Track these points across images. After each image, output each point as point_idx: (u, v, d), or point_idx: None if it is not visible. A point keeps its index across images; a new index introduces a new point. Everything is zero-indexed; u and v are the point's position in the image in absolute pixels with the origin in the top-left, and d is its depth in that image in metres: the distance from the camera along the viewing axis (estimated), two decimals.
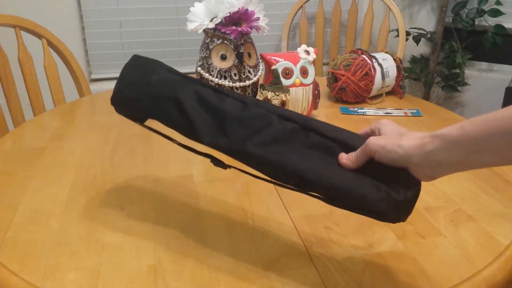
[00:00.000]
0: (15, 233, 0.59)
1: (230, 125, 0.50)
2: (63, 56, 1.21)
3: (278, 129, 0.49)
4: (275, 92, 0.87)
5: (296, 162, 0.47)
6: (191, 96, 0.52)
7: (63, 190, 0.70)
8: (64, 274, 0.52)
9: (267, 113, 0.50)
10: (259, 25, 0.87)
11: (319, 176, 0.46)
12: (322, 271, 0.53)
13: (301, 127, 0.49)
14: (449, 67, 1.91)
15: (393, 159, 0.43)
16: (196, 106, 0.52)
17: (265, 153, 0.48)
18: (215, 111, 0.51)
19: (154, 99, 0.54)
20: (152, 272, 0.53)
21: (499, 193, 0.69)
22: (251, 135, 0.49)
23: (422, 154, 0.42)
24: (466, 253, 0.56)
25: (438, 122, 0.96)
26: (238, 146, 0.49)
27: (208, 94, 0.52)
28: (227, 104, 0.51)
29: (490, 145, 0.38)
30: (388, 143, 0.44)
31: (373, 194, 0.44)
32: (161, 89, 0.54)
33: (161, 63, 0.58)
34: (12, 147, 0.84)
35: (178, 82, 0.54)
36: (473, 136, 0.38)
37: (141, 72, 0.56)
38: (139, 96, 0.55)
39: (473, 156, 0.39)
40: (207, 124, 0.51)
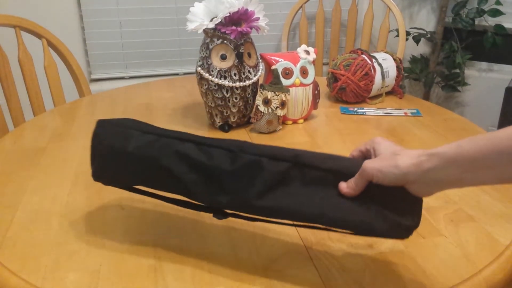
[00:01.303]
0: (15, 233, 0.59)
1: (224, 181, 0.49)
2: (63, 56, 1.21)
3: (272, 172, 0.48)
4: (275, 92, 0.87)
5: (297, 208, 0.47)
6: (175, 159, 0.50)
7: (63, 190, 0.70)
8: (64, 274, 0.52)
9: (256, 158, 0.48)
10: (259, 25, 0.87)
11: (325, 217, 0.46)
12: (322, 271, 0.53)
13: (293, 165, 0.48)
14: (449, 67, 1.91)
15: (390, 180, 0.44)
16: (185, 170, 0.50)
17: (266, 203, 0.47)
18: (205, 170, 0.49)
19: (139, 172, 0.52)
20: (152, 272, 0.53)
21: (499, 193, 0.69)
22: (248, 186, 0.48)
23: (419, 172, 0.42)
24: (466, 253, 0.56)
25: (438, 122, 0.96)
26: (238, 201, 0.48)
27: (191, 151, 0.50)
28: (215, 160, 0.49)
29: (488, 164, 0.38)
30: (384, 165, 0.44)
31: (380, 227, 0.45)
32: (142, 160, 0.51)
33: (127, 122, 0.55)
34: (12, 147, 0.84)
35: (156, 146, 0.51)
36: (471, 155, 0.39)
37: (114, 143, 0.53)
38: (122, 171, 0.53)
39: (470, 174, 0.40)
40: (202, 186, 0.50)
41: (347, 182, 0.47)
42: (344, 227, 0.46)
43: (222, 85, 0.85)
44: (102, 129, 0.55)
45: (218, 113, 0.89)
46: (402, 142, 0.86)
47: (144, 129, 0.53)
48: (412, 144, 0.86)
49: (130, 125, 0.54)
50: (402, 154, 0.44)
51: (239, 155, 0.49)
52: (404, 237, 0.47)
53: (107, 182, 0.57)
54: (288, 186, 0.48)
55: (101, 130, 0.55)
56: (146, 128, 0.54)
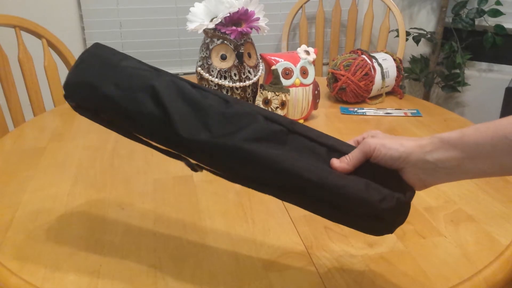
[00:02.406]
0: (15, 233, 0.59)
1: (213, 119, 0.45)
2: (63, 56, 1.21)
3: (265, 127, 0.45)
4: (275, 92, 0.87)
5: (289, 159, 0.43)
6: (168, 85, 0.46)
7: (63, 190, 0.70)
8: (64, 274, 0.52)
9: (252, 112, 0.46)
10: (259, 25, 0.87)
11: (316, 175, 0.43)
12: (322, 272, 0.53)
13: (288, 131, 0.46)
14: (449, 67, 1.91)
15: (391, 156, 0.43)
16: (175, 97, 0.45)
17: (255, 148, 0.43)
18: (196, 104, 0.45)
19: (123, 85, 0.46)
20: (152, 272, 0.53)
21: (499, 193, 0.69)
22: (236, 131, 0.44)
23: (421, 154, 0.42)
24: (466, 253, 0.56)
25: (438, 123, 0.96)
26: (223, 140, 0.44)
27: (187, 87, 0.47)
28: (209, 99, 0.46)
29: (489, 151, 0.38)
30: (388, 141, 0.44)
31: (373, 196, 0.42)
32: (132, 75, 0.46)
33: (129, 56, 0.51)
34: (12, 147, 0.84)
35: (153, 71, 0.48)
36: (472, 141, 0.39)
37: (107, 58, 0.48)
38: (104, 81, 0.46)
39: (469, 161, 0.40)
40: (187, 117, 0.45)
41: (340, 158, 0.45)
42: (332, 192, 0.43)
43: (222, 85, 0.85)
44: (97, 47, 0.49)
45: None
46: None
47: (142, 62, 0.49)
48: None
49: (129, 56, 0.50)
50: (402, 137, 0.45)
51: (235, 105, 0.46)
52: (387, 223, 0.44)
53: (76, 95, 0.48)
54: (278, 143, 0.45)
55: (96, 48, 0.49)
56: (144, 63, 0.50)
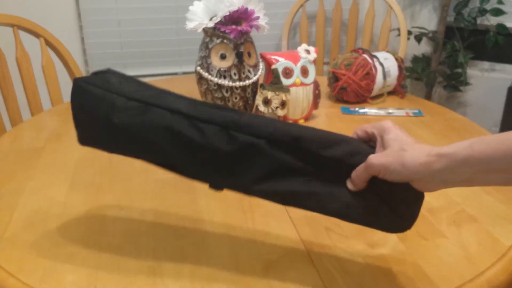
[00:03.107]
0: (13, 234, 0.59)
1: (220, 163, 0.46)
2: (61, 55, 1.21)
3: (271, 159, 0.46)
4: (275, 91, 0.86)
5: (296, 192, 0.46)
6: (166, 137, 0.46)
7: (61, 191, 0.69)
8: (62, 275, 0.52)
9: (254, 140, 0.45)
10: (259, 24, 0.87)
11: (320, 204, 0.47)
12: (323, 273, 0.52)
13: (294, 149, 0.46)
14: (451, 66, 1.90)
15: (395, 178, 0.43)
16: (177, 150, 0.46)
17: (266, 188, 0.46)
18: (198, 149, 0.46)
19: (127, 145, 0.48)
20: (151, 272, 0.52)
21: (502, 194, 0.69)
22: (244, 171, 0.46)
23: (427, 173, 0.40)
24: (468, 255, 0.55)
25: (440, 122, 0.95)
26: (236, 185, 0.48)
27: (183, 127, 0.46)
28: (209, 138, 0.45)
29: (500, 166, 0.37)
30: (391, 163, 0.42)
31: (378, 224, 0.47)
32: (130, 135, 0.47)
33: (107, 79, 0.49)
34: (9, 147, 0.84)
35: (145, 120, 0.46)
36: (483, 157, 0.38)
37: (96, 112, 0.48)
38: (109, 141, 0.49)
39: (480, 176, 0.39)
40: (196, 167, 0.47)
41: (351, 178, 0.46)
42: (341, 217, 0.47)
43: (222, 85, 0.85)
44: (80, 92, 0.48)
45: None
46: None
47: (128, 94, 0.48)
48: None
49: (111, 86, 0.48)
50: (410, 151, 0.42)
51: (235, 135, 0.45)
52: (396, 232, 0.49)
53: (96, 147, 0.52)
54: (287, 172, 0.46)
55: (80, 93, 0.48)
56: (130, 91, 0.48)
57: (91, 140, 0.51)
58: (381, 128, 0.46)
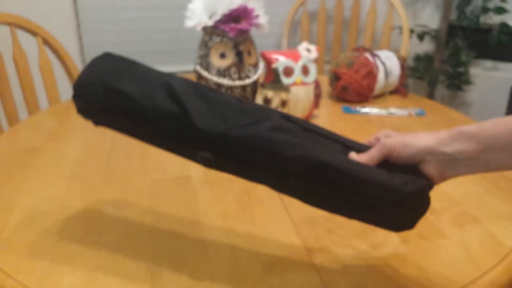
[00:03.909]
0: (11, 235, 0.59)
1: (231, 112, 0.45)
2: (59, 54, 1.20)
3: (282, 121, 0.46)
4: (276, 91, 0.86)
5: (312, 147, 0.43)
6: (183, 83, 0.47)
7: (58, 191, 0.69)
8: (60, 276, 0.51)
9: (268, 108, 0.48)
10: (259, 23, 0.86)
11: (339, 160, 0.43)
12: (324, 274, 0.52)
13: (302, 129, 0.47)
14: (454, 65, 1.90)
15: (410, 153, 0.44)
16: (191, 94, 0.46)
17: (278, 136, 0.43)
18: (212, 99, 0.46)
19: (138, 83, 0.47)
20: (150, 274, 0.52)
21: (504, 195, 0.68)
22: (255, 123, 0.44)
23: (440, 146, 0.43)
24: (470, 255, 0.55)
25: (443, 122, 0.95)
26: (242, 131, 0.44)
27: (202, 86, 0.48)
28: (224, 97, 0.47)
29: (507, 143, 0.39)
30: (407, 138, 0.45)
31: (396, 180, 0.43)
32: (146, 73, 0.47)
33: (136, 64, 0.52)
34: (6, 148, 0.83)
35: (165, 73, 0.49)
36: (491, 133, 0.40)
37: (120, 59, 0.50)
38: (118, 79, 0.47)
39: (488, 153, 0.41)
40: (204, 111, 0.45)
41: (358, 155, 0.46)
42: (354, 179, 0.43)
43: (221, 84, 0.84)
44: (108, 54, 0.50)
45: None
46: None
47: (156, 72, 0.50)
48: None
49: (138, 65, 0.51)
50: (420, 132, 0.45)
51: (245, 102, 0.48)
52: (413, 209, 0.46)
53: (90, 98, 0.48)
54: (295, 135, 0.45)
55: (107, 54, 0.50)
56: None
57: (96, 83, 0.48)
58: (384, 131, 0.50)
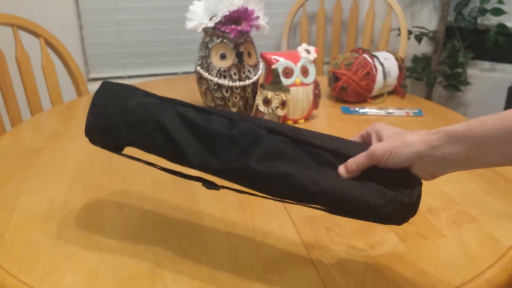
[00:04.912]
0: (13, 234, 0.59)
1: (220, 144, 0.48)
2: (61, 55, 1.21)
3: (269, 143, 0.47)
4: (275, 91, 0.86)
5: (295, 174, 0.45)
6: (173, 117, 0.50)
7: (60, 191, 0.69)
8: (62, 276, 0.52)
9: (255, 128, 0.48)
10: (259, 24, 0.87)
11: (321, 186, 0.45)
12: (323, 273, 0.52)
13: (291, 140, 0.48)
14: (451, 66, 1.90)
15: (399, 160, 0.43)
16: (181, 128, 0.49)
17: (264, 168, 0.46)
18: (201, 131, 0.49)
19: (133, 125, 0.51)
20: (151, 273, 0.52)
21: (502, 194, 0.69)
22: (243, 153, 0.47)
23: (429, 150, 0.42)
24: (468, 255, 0.55)
25: (441, 122, 0.95)
26: (233, 165, 0.47)
27: (191, 113, 0.50)
28: (213, 123, 0.49)
29: (496, 143, 0.39)
30: (395, 145, 0.43)
31: (378, 200, 0.43)
32: (140, 114, 0.51)
33: (135, 87, 0.55)
34: (9, 147, 0.84)
35: (158, 104, 0.51)
36: (480, 133, 0.39)
37: (116, 99, 0.52)
38: (117, 124, 0.51)
39: (477, 153, 0.40)
40: (195, 146, 0.48)
41: (346, 164, 0.46)
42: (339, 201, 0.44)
43: (222, 85, 0.85)
44: (106, 86, 0.54)
45: None
46: None
47: (148, 93, 0.54)
48: None
49: (135, 88, 0.54)
50: (410, 133, 0.44)
51: (238, 123, 0.49)
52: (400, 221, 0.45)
53: (97, 139, 0.54)
54: (285, 158, 0.47)
55: (106, 86, 0.54)
56: (151, 93, 0.54)
57: (100, 128, 0.52)
58: (375, 126, 0.49)
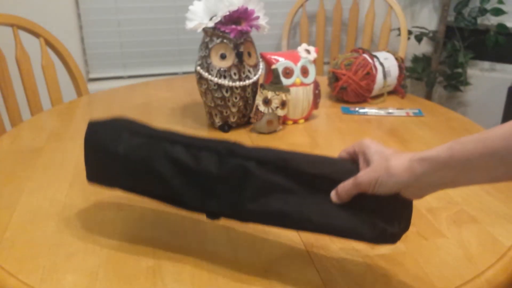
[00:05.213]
0: (13, 234, 0.59)
1: (212, 186, 0.49)
2: (61, 55, 1.21)
3: (259, 177, 0.48)
4: (275, 91, 0.86)
5: (287, 211, 0.47)
6: (165, 164, 0.51)
7: (60, 191, 0.69)
8: (62, 275, 0.52)
9: (243, 162, 0.49)
10: (259, 24, 0.87)
11: (314, 223, 0.47)
12: (323, 273, 0.52)
13: (280, 170, 0.48)
14: (451, 66, 1.90)
15: (385, 190, 0.44)
16: (174, 173, 0.50)
17: (256, 208, 0.48)
18: (193, 174, 0.50)
19: (130, 174, 0.53)
20: (151, 273, 0.52)
21: (502, 194, 0.69)
22: (235, 192, 0.49)
23: (413, 178, 0.42)
24: (468, 255, 0.55)
25: (441, 122, 0.95)
26: (227, 205, 0.49)
27: (181, 154, 0.50)
28: (203, 163, 0.50)
29: (480, 165, 0.38)
30: (379, 176, 0.44)
31: (369, 233, 0.45)
32: (132, 163, 0.52)
33: (118, 122, 0.55)
34: (9, 147, 0.84)
35: (146, 147, 0.52)
36: (462, 158, 0.39)
37: (105, 147, 0.54)
38: (114, 175, 0.54)
39: (461, 176, 0.40)
40: (190, 190, 0.50)
41: (336, 190, 0.47)
42: (332, 233, 0.47)
43: (222, 85, 0.85)
44: (93, 130, 0.55)
45: (217, 113, 0.89)
46: (404, 142, 0.86)
47: (134, 129, 0.54)
48: (414, 144, 0.85)
49: (120, 126, 0.54)
50: (393, 160, 0.43)
51: (226, 159, 0.49)
52: (390, 243, 0.47)
53: (101, 184, 0.57)
54: (277, 191, 0.48)
55: (93, 131, 0.55)
56: (136, 128, 0.54)
57: (98, 175, 0.56)
58: (361, 145, 0.48)
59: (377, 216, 0.46)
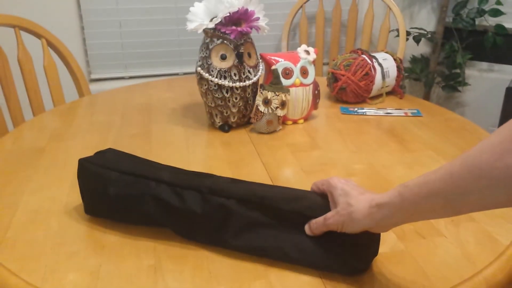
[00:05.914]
0: (15, 233, 0.59)
1: (198, 224, 0.55)
2: (63, 56, 1.21)
3: (241, 215, 0.54)
4: (275, 92, 0.87)
5: (267, 247, 0.53)
6: (152, 205, 0.56)
7: (62, 190, 0.69)
8: (63, 274, 0.52)
9: (224, 201, 0.54)
10: (259, 25, 0.87)
11: (291, 258, 0.53)
12: (323, 273, 0.53)
13: (259, 206, 0.54)
14: (450, 67, 1.91)
15: (351, 230, 0.49)
16: (162, 213, 0.56)
17: (238, 243, 0.54)
18: (179, 214, 0.55)
19: (123, 213, 0.59)
20: (152, 272, 0.53)
21: None
22: (219, 230, 0.54)
23: (373, 222, 0.46)
24: (466, 253, 0.56)
25: (439, 122, 0.96)
26: (212, 241, 0.56)
27: (166, 195, 0.56)
28: (188, 201, 0.55)
29: (427, 206, 0.41)
30: (344, 221, 0.48)
31: (340, 269, 0.51)
32: (122, 203, 0.58)
33: (107, 157, 0.61)
34: (11, 147, 0.84)
35: (135, 188, 0.57)
36: (412, 201, 0.42)
37: (96, 186, 0.59)
38: (109, 211, 0.60)
39: (417, 216, 0.43)
40: (178, 228, 0.57)
41: (309, 225, 0.53)
42: (308, 266, 0.53)
43: (222, 85, 0.85)
44: (84, 170, 0.60)
45: (218, 113, 0.89)
46: (403, 142, 0.86)
47: (121, 167, 0.59)
48: (413, 144, 0.86)
49: (109, 163, 0.59)
50: (355, 205, 0.48)
51: (208, 197, 0.55)
52: (359, 273, 0.52)
53: (100, 216, 0.62)
54: (256, 227, 0.54)
55: (83, 171, 0.60)
56: (124, 165, 0.59)
57: (95, 210, 0.61)
58: (329, 185, 0.53)
59: (347, 252, 0.51)
